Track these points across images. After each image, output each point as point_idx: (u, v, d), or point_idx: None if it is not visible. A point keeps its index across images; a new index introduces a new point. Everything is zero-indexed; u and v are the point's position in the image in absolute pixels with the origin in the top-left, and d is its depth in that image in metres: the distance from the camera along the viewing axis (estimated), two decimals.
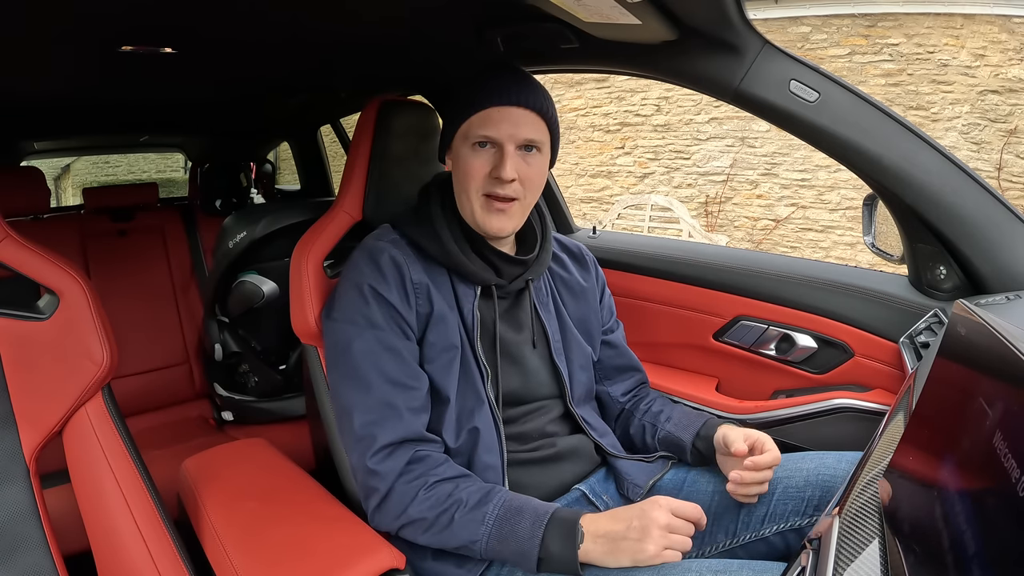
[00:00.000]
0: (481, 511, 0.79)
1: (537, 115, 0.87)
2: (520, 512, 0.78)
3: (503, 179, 0.85)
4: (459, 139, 0.88)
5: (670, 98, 6.38)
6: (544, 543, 0.75)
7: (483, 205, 0.88)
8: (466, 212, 0.90)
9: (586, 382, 1.03)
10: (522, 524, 0.77)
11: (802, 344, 1.24)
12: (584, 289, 1.07)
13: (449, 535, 0.80)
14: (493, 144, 0.86)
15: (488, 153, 0.86)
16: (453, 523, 0.79)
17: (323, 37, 1.12)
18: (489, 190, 0.87)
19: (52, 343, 0.79)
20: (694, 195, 6.41)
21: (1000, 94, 4.95)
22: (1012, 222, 0.97)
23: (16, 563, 0.72)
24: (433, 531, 0.81)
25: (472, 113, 0.85)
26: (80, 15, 0.83)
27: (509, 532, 0.77)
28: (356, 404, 0.84)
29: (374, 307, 0.86)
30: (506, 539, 0.77)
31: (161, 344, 2.07)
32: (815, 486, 0.87)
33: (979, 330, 0.52)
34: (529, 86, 0.87)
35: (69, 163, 8.42)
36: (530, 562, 0.76)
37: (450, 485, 0.82)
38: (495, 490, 0.82)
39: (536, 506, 0.79)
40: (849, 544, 0.52)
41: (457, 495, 0.80)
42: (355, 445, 0.85)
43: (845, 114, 0.95)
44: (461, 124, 0.87)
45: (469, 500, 0.80)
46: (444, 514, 0.80)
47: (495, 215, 0.88)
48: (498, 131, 0.85)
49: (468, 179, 0.87)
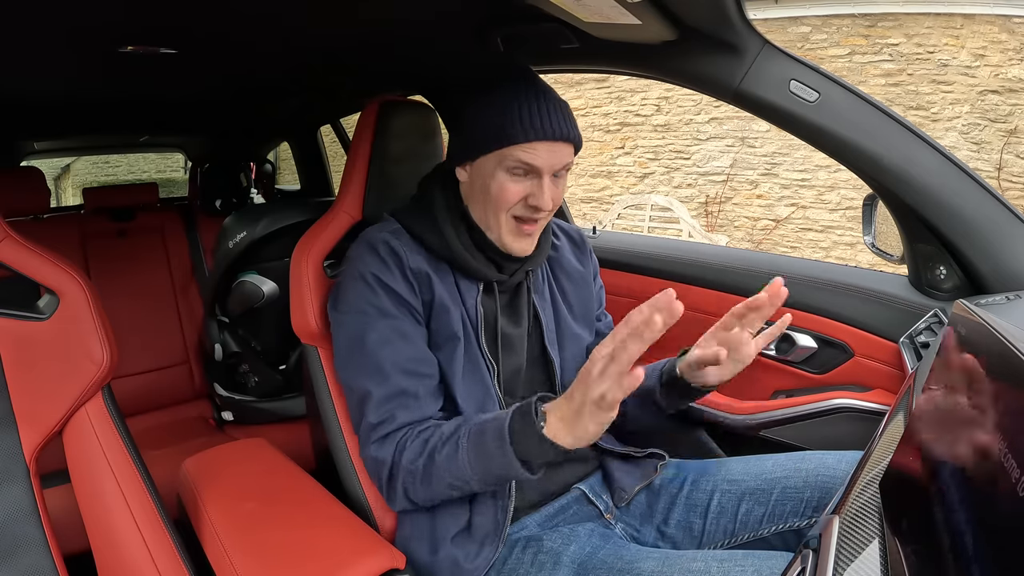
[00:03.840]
0: (454, 440, 0.78)
1: (571, 144, 0.87)
2: (484, 427, 0.76)
3: (540, 208, 0.85)
4: (492, 161, 0.86)
5: (670, 98, 6.38)
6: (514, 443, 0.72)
7: (512, 228, 0.88)
8: (490, 230, 0.89)
9: (577, 372, 1.03)
10: (488, 435, 0.75)
11: (802, 344, 1.24)
12: (582, 274, 1.07)
13: (440, 476, 0.79)
14: (531, 172, 0.85)
15: (526, 180, 0.86)
16: (436, 463, 0.78)
17: (324, 40, 1.12)
18: (521, 213, 0.87)
19: (52, 343, 0.79)
20: (694, 195, 6.42)
21: (1000, 94, 4.95)
22: (1012, 222, 0.97)
23: (16, 563, 0.72)
24: (426, 481, 0.80)
25: (515, 143, 0.83)
26: (81, 15, 0.83)
27: (483, 447, 0.75)
28: (374, 393, 0.84)
29: (382, 295, 0.86)
30: (483, 457, 0.75)
31: (161, 344, 2.07)
32: (814, 487, 0.87)
33: (979, 330, 0.52)
34: (567, 116, 0.86)
35: (69, 163, 8.42)
36: (515, 468, 0.73)
37: (429, 431, 0.82)
38: (463, 420, 0.81)
39: (498, 415, 0.77)
40: (849, 544, 0.52)
41: (434, 436, 0.80)
42: (369, 433, 0.85)
43: (845, 114, 0.95)
44: (499, 148, 0.84)
45: (443, 435, 0.79)
46: (428, 458, 0.79)
47: (523, 239, 0.89)
48: (541, 161, 0.84)
49: (501, 202, 0.86)
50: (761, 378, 1.31)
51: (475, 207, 0.91)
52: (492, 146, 0.84)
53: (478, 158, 0.87)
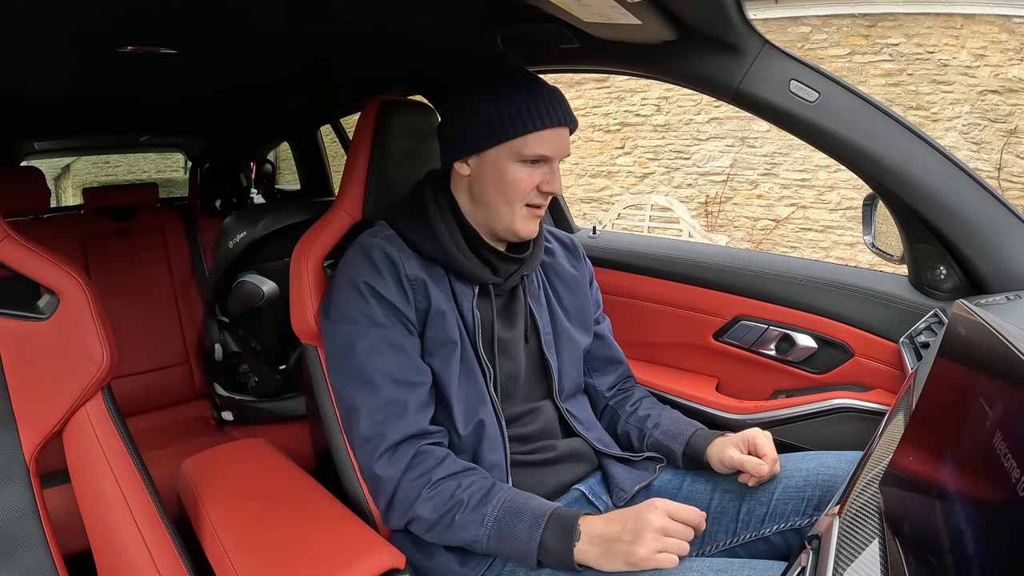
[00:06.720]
0: (481, 512, 0.79)
1: (569, 128, 0.92)
2: (519, 513, 0.78)
3: (553, 192, 0.90)
4: (504, 153, 0.88)
5: (670, 98, 6.38)
6: (542, 543, 0.76)
7: (526, 215, 0.91)
8: (502, 220, 0.91)
9: (575, 376, 1.03)
10: (520, 526, 0.77)
11: (802, 344, 1.24)
12: (576, 278, 1.08)
13: (451, 535, 0.81)
14: (543, 160, 0.89)
15: (539, 168, 0.89)
16: (454, 524, 0.80)
17: (324, 40, 1.12)
18: (534, 201, 0.90)
19: (52, 343, 0.79)
20: (694, 195, 6.41)
21: (1000, 94, 4.95)
22: (1012, 222, 0.97)
23: (16, 563, 0.72)
24: (436, 530, 0.82)
25: (527, 132, 0.86)
26: (81, 16, 0.83)
27: (508, 534, 0.77)
28: (362, 405, 0.85)
29: (374, 305, 0.86)
30: (505, 540, 0.78)
31: (161, 344, 2.07)
32: (815, 486, 0.87)
33: (979, 330, 0.52)
34: (565, 103, 0.90)
35: (69, 163, 8.42)
36: (530, 561, 0.77)
37: (452, 484, 0.82)
38: (495, 489, 0.82)
39: (535, 507, 0.79)
40: (849, 544, 0.52)
41: (459, 495, 0.81)
42: (362, 446, 0.85)
43: (845, 114, 0.95)
44: (511, 140, 0.87)
45: (470, 501, 0.80)
46: (447, 515, 0.80)
47: (532, 222, 0.92)
48: (552, 149, 0.88)
49: (516, 192, 0.89)
50: (761, 378, 1.31)
51: (482, 199, 0.91)
52: (502, 137, 0.87)
53: (486, 150, 0.88)
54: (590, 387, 1.10)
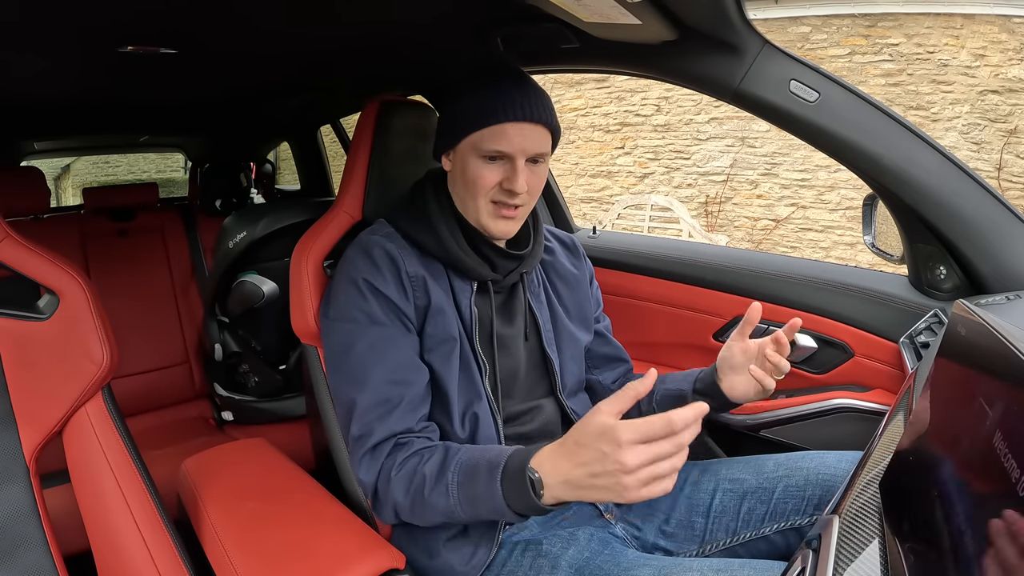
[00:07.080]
0: (443, 482, 0.76)
1: (545, 128, 0.87)
2: (476, 472, 0.74)
3: (515, 192, 0.86)
4: (467, 147, 0.87)
5: (670, 98, 6.38)
6: (507, 500, 0.71)
7: (491, 212, 0.89)
8: (470, 214, 0.90)
9: (577, 373, 1.03)
10: (480, 485, 0.73)
11: (802, 344, 1.24)
12: (576, 277, 1.07)
13: (429, 512, 0.78)
14: (504, 157, 0.86)
15: (499, 165, 0.86)
16: (427, 501, 0.77)
17: (324, 41, 1.12)
18: (498, 198, 0.88)
19: (52, 343, 0.79)
20: (694, 195, 6.41)
21: (1000, 94, 4.95)
22: (1012, 222, 0.97)
23: (16, 563, 0.72)
24: (416, 512, 0.80)
25: (485, 126, 0.84)
26: (81, 16, 0.83)
27: (474, 495, 0.74)
28: (357, 404, 0.85)
29: (372, 302, 0.86)
30: (475, 503, 0.74)
31: (161, 344, 2.07)
32: (815, 485, 0.87)
33: (979, 330, 0.52)
34: (540, 99, 0.87)
35: (69, 163, 8.41)
36: (509, 518, 0.73)
37: (415, 460, 0.80)
38: (451, 453, 0.79)
39: (491, 458, 0.74)
40: (849, 544, 0.52)
41: (421, 470, 0.78)
42: (353, 445, 0.85)
43: (845, 114, 0.95)
44: (471, 134, 0.86)
45: (431, 473, 0.78)
46: (417, 494, 0.78)
47: (502, 221, 0.89)
48: (511, 146, 0.85)
49: (477, 188, 0.87)
50: None
51: (456, 194, 0.92)
52: (466, 131, 0.86)
53: (457, 144, 0.88)
54: (594, 383, 1.10)
